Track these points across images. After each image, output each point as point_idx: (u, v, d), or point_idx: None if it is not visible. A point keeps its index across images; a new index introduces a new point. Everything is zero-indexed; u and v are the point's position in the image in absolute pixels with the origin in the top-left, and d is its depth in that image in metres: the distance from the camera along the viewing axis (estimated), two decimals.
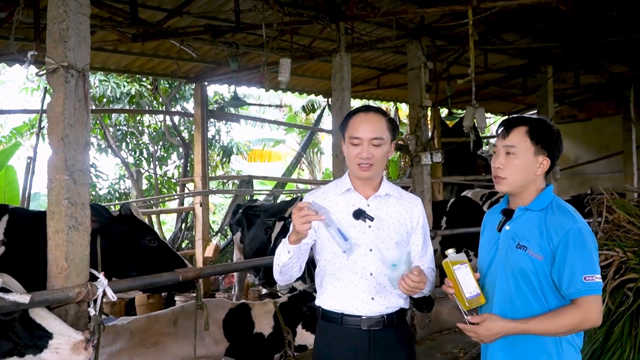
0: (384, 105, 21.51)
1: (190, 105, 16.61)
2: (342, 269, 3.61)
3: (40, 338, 3.54)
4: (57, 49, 4.17)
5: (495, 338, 3.19)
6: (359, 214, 3.57)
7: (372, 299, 3.60)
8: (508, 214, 3.41)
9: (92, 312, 4.16)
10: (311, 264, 3.87)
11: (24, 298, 3.45)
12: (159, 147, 17.08)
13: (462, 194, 13.71)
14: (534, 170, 3.31)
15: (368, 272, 3.60)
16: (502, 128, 3.38)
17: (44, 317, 3.61)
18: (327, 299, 3.68)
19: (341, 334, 3.62)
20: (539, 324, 3.13)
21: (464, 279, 3.26)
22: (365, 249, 3.56)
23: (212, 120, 15.83)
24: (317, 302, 3.78)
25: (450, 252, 3.34)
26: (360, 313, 3.59)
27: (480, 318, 3.19)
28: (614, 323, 4.86)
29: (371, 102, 19.32)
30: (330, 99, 10.39)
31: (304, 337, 5.66)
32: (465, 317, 3.23)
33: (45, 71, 4.22)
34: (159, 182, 17.10)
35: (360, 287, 3.60)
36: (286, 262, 3.51)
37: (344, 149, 3.72)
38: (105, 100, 15.30)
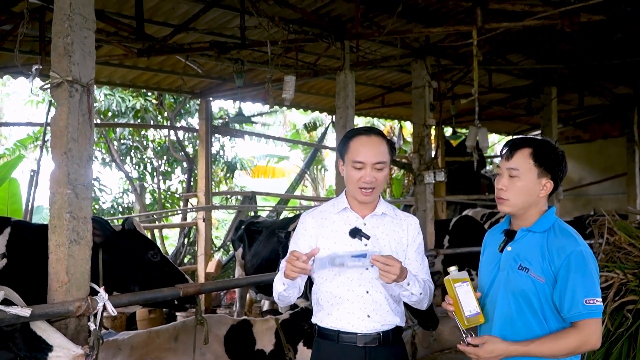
0: (388, 124, 21.62)
1: (194, 121, 16.62)
2: (338, 287, 3.62)
3: (40, 350, 3.55)
4: (61, 63, 4.18)
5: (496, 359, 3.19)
6: (355, 233, 3.59)
7: (368, 316, 3.61)
8: (510, 234, 3.41)
9: (92, 326, 4.17)
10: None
11: (25, 312, 3.45)
12: (163, 161, 17.08)
13: (463, 213, 13.72)
14: (537, 193, 3.31)
15: (364, 290, 3.61)
16: (506, 149, 3.37)
17: (44, 330, 3.62)
18: (324, 316, 3.70)
19: (337, 351, 3.64)
20: (540, 347, 3.13)
21: (465, 297, 3.26)
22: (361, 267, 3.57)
23: (216, 135, 15.85)
24: (314, 320, 3.79)
25: (452, 269, 3.34)
26: (356, 330, 3.60)
27: (481, 340, 3.19)
28: (612, 344, 4.85)
29: (375, 120, 19.39)
30: (334, 117, 10.42)
31: (305, 355, 5.63)
32: (464, 336, 3.23)
33: (49, 85, 4.24)
34: (162, 196, 17.10)
35: (356, 304, 3.61)
36: (282, 292, 3.59)
37: (341, 169, 3.73)
38: (110, 114, 15.34)
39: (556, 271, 3.17)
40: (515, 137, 3.49)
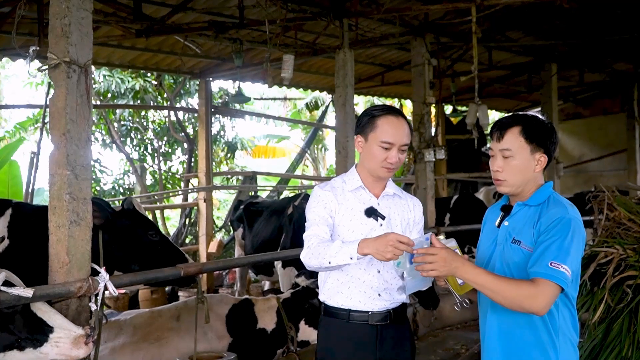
0: (388, 102, 21.56)
1: (194, 101, 16.58)
2: (350, 265, 3.61)
3: (41, 332, 3.55)
4: (59, 45, 4.18)
5: (447, 271, 3.10)
6: (371, 213, 3.61)
7: (379, 295, 3.65)
8: (506, 209, 3.41)
9: (93, 307, 4.18)
10: None
11: (27, 292, 3.46)
12: (164, 142, 17.05)
13: (478, 192, 13.76)
14: (533, 168, 3.30)
15: (376, 270, 3.65)
16: (495, 130, 3.36)
17: (44, 311, 3.62)
18: (333, 294, 3.71)
19: (347, 330, 3.66)
20: (494, 282, 3.06)
21: None
22: None
23: (216, 116, 15.83)
24: (321, 298, 3.80)
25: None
26: (368, 309, 3.64)
27: (440, 249, 3.12)
28: (613, 320, 4.87)
29: (375, 99, 19.36)
30: (333, 96, 10.41)
31: (307, 333, 5.68)
32: (457, 302, 3.24)
33: (47, 66, 4.23)
34: (163, 177, 17.11)
35: (367, 283, 3.64)
36: (340, 265, 3.42)
37: (358, 145, 3.72)
38: (109, 95, 15.31)
39: (539, 234, 3.16)
40: (503, 117, 3.46)
